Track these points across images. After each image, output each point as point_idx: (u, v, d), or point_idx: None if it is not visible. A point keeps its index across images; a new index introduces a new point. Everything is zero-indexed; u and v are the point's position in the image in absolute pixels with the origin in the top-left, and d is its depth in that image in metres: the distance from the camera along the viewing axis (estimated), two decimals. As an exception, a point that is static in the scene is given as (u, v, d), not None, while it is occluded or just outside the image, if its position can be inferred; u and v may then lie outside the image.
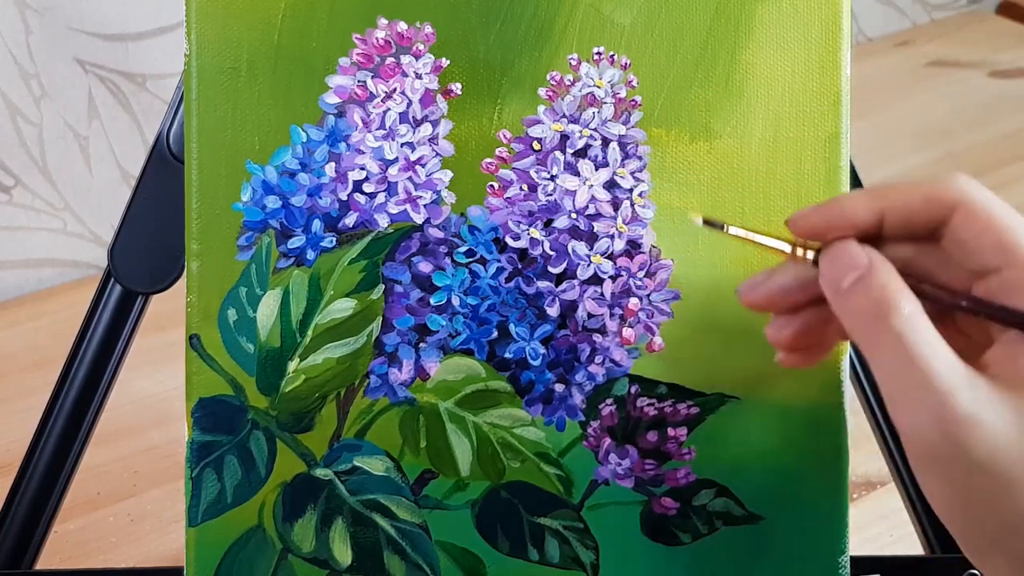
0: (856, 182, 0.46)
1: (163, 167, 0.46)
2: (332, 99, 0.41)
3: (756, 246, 0.36)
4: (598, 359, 0.42)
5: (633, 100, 0.41)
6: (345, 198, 0.41)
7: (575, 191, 0.41)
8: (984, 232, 0.34)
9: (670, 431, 0.42)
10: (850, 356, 0.46)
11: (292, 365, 0.41)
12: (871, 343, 0.33)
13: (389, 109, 0.41)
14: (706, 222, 0.37)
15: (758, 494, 0.42)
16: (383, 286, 0.41)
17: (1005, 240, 0.33)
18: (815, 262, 0.35)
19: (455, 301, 0.41)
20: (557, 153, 0.41)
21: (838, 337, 0.37)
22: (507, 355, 0.41)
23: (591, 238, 0.41)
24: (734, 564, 0.43)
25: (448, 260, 0.41)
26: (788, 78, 0.41)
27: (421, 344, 0.41)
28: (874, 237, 0.35)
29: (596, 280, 0.41)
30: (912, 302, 0.33)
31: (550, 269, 0.41)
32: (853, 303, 0.34)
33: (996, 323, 0.34)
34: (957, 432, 0.31)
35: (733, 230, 0.36)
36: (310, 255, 0.41)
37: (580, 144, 0.41)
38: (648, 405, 0.42)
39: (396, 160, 0.41)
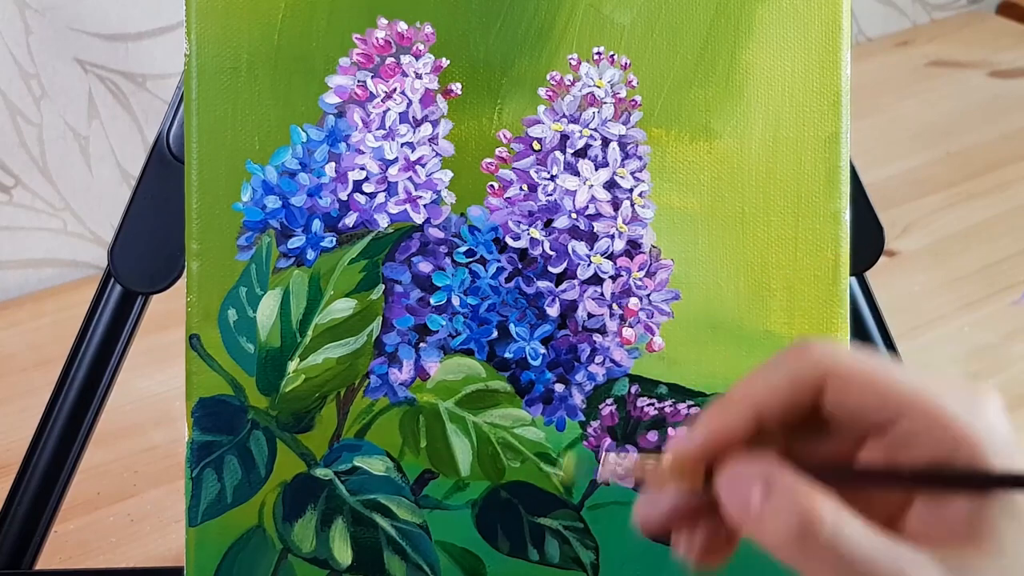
0: (856, 182, 0.46)
1: (163, 167, 0.46)
2: (332, 99, 0.41)
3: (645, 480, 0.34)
4: (598, 359, 0.42)
5: (633, 100, 0.41)
6: (345, 198, 0.41)
7: (575, 191, 0.41)
8: (862, 393, 0.33)
9: (670, 431, 0.42)
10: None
11: (292, 365, 0.41)
12: (803, 563, 0.32)
13: (389, 109, 0.41)
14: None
15: (758, 494, 0.42)
16: (383, 286, 0.41)
17: (887, 393, 0.32)
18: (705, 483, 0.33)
19: (455, 301, 0.41)
20: (557, 153, 0.41)
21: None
22: (507, 355, 0.41)
23: (591, 238, 0.41)
24: (734, 564, 0.43)
25: (448, 260, 0.41)
26: (788, 78, 0.41)
27: (421, 344, 0.41)
28: (756, 436, 0.33)
29: (596, 280, 0.41)
30: (829, 504, 0.31)
31: (550, 269, 0.41)
32: (770, 527, 0.32)
33: (912, 487, 0.32)
34: None
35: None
36: (310, 255, 0.41)
37: (580, 144, 0.41)
38: (648, 405, 0.42)
39: (396, 160, 0.41)
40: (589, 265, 0.41)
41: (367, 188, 0.41)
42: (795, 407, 0.33)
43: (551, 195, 0.41)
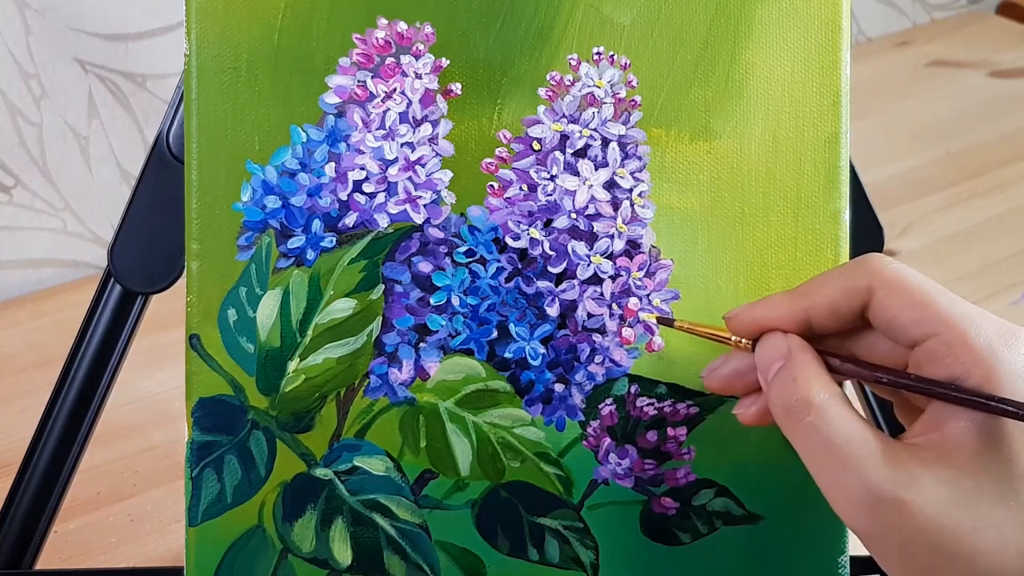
0: (856, 182, 0.46)
1: (163, 167, 0.46)
2: (332, 99, 0.41)
3: (704, 337, 0.39)
4: (598, 359, 0.42)
5: (633, 100, 0.41)
6: (345, 198, 0.41)
7: (575, 191, 0.41)
8: (902, 309, 0.35)
9: (670, 431, 0.42)
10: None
11: (292, 365, 0.41)
12: (790, 435, 0.35)
13: (389, 109, 0.41)
14: (659, 321, 0.40)
15: (758, 494, 0.42)
16: (383, 286, 0.41)
17: (922, 313, 0.34)
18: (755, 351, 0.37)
19: (455, 301, 0.41)
20: (557, 153, 0.41)
21: None
22: (507, 355, 0.42)
23: (591, 238, 0.41)
24: (734, 564, 0.43)
25: (448, 260, 0.41)
26: (788, 78, 0.41)
27: (421, 344, 0.41)
28: (808, 330, 0.37)
29: (596, 280, 0.41)
30: (826, 391, 0.34)
31: (550, 269, 0.41)
32: (774, 394, 0.36)
33: (915, 393, 0.34)
34: (884, 514, 0.32)
35: (679, 324, 0.39)
36: (310, 255, 0.41)
37: (580, 144, 0.41)
38: (648, 405, 0.42)
39: (396, 160, 0.41)
40: (589, 265, 0.41)
41: (367, 188, 0.41)
42: (845, 313, 0.36)
43: (551, 195, 0.41)
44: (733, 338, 0.38)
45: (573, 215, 0.41)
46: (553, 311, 0.41)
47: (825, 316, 0.36)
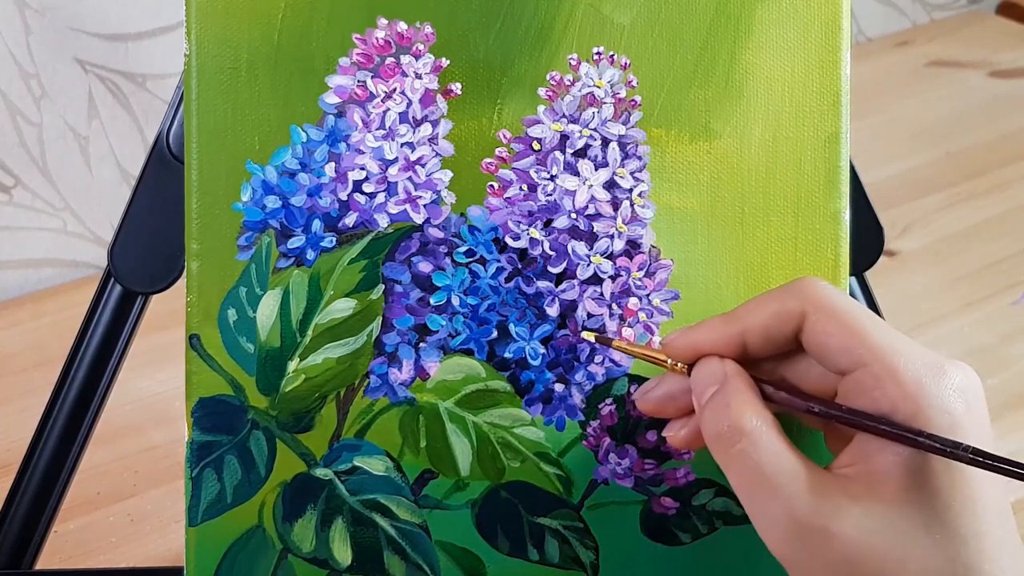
0: (856, 182, 0.46)
1: (163, 167, 0.46)
2: (332, 99, 0.41)
3: (640, 358, 0.39)
4: (598, 359, 0.42)
5: (633, 100, 0.41)
6: (345, 198, 0.41)
7: (575, 191, 0.41)
8: (832, 336, 0.35)
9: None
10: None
11: (292, 365, 0.41)
12: (721, 461, 0.35)
13: (389, 109, 0.41)
14: (598, 340, 0.40)
15: (758, 494, 0.42)
16: (383, 286, 0.41)
17: (851, 341, 0.34)
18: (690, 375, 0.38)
19: (455, 301, 0.41)
20: (557, 153, 0.41)
21: None
22: (507, 355, 0.42)
23: (591, 238, 0.41)
24: (734, 564, 0.43)
25: (448, 260, 0.41)
26: (788, 78, 0.41)
27: (421, 344, 0.41)
28: (744, 354, 0.37)
29: (596, 280, 0.41)
30: (758, 418, 0.34)
31: (550, 269, 0.41)
32: (707, 419, 0.36)
33: (846, 425, 0.34)
34: (810, 544, 0.32)
35: (617, 344, 0.39)
36: (310, 255, 0.41)
37: (580, 144, 0.41)
38: (648, 405, 0.42)
39: (396, 160, 0.41)
40: (589, 265, 0.41)
41: (367, 188, 0.41)
42: (779, 338, 0.36)
43: (551, 195, 0.41)
44: (669, 360, 0.38)
45: (573, 215, 0.41)
46: (553, 311, 0.41)
47: (759, 340, 0.36)
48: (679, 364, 0.38)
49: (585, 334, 0.40)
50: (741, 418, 0.34)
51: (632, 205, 0.41)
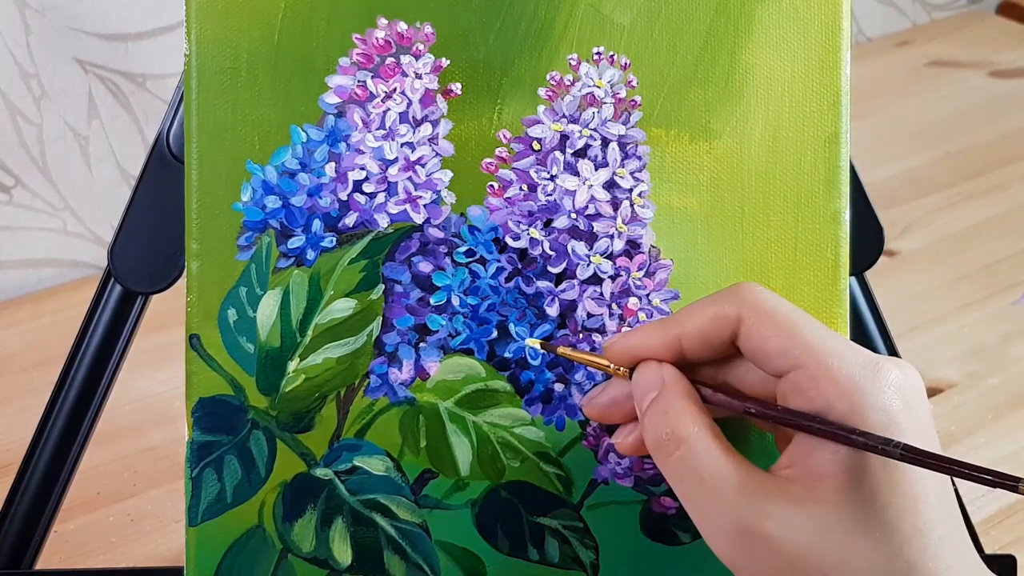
0: (856, 182, 0.46)
1: (163, 167, 0.46)
2: (332, 99, 0.41)
3: (585, 364, 0.39)
4: (598, 359, 0.42)
5: (633, 100, 0.41)
6: (345, 198, 0.41)
7: (575, 191, 0.41)
8: (768, 339, 0.35)
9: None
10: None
11: (292, 365, 0.41)
12: (662, 467, 0.35)
13: (389, 109, 0.41)
14: (543, 347, 0.40)
15: (758, 494, 0.42)
16: (383, 286, 0.41)
17: (787, 343, 0.34)
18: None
19: (455, 301, 0.41)
20: (557, 153, 0.41)
21: None
22: (507, 355, 0.42)
23: (591, 238, 0.41)
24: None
25: (448, 260, 0.41)
26: (788, 78, 0.41)
27: (421, 344, 0.41)
28: (682, 359, 0.37)
29: (596, 280, 0.41)
30: (696, 424, 0.34)
31: (550, 269, 0.41)
32: (647, 426, 0.36)
33: (782, 425, 0.34)
34: (751, 547, 0.33)
35: (562, 351, 0.39)
36: (310, 255, 0.41)
37: (580, 144, 0.41)
38: (648, 405, 0.42)
39: (396, 160, 0.41)
40: (588, 265, 0.41)
41: (367, 188, 0.41)
42: (716, 342, 0.36)
43: (551, 195, 0.41)
44: (612, 366, 0.38)
45: (573, 215, 0.41)
46: (553, 311, 0.41)
47: (697, 344, 0.36)
48: (621, 369, 0.38)
49: (529, 341, 0.40)
50: (679, 425, 0.34)
51: (632, 205, 0.41)
